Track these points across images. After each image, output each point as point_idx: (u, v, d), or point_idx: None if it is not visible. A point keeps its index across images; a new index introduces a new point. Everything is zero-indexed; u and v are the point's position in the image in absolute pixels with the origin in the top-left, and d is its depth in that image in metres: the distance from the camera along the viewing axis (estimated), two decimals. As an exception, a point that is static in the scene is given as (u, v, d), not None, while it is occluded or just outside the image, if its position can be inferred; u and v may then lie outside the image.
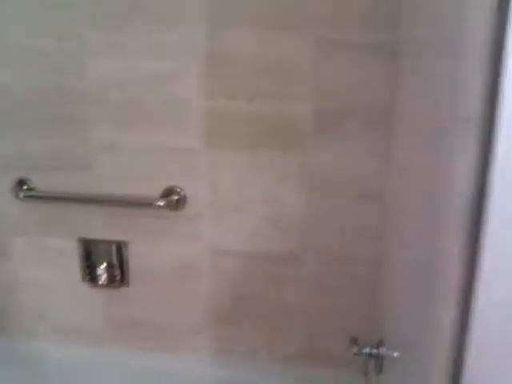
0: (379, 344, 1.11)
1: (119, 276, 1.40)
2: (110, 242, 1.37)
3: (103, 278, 1.40)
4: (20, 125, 1.30)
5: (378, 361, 1.11)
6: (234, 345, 1.43)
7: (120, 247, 1.37)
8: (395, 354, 0.95)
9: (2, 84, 1.27)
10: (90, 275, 1.41)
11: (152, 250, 1.36)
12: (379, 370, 1.11)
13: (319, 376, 1.39)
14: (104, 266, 1.40)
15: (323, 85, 1.17)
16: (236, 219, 1.31)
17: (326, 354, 1.40)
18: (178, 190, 1.29)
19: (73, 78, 1.25)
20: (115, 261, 1.39)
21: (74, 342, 1.48)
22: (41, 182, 1.34)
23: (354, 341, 1.16)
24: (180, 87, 1.22)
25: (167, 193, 1.29)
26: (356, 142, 1.21)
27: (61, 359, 1.48)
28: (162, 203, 1.27)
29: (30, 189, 1.34)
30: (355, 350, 1.14)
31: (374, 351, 1.11)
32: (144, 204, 1.31)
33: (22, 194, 1.32)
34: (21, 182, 1.34)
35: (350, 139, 1.21)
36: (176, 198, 1.29)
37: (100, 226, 1.36)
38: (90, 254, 1.39)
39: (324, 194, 1.25)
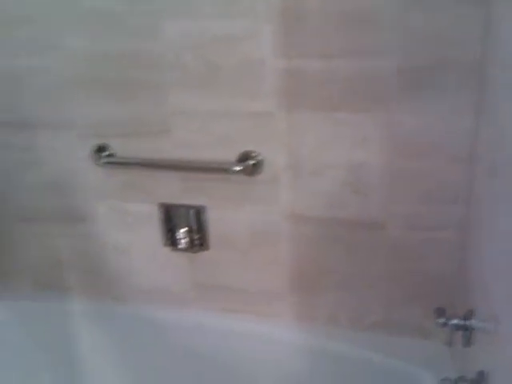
0: (468, 315, 1.05)
1: (199, 240, 1.41)
2: (188, 207, 1.38)
3: (183, 242, 1.42)
4: (97, 91, 1.31)
5: (467, 333, 1.05)
6: (315, 311, 1.41)
7: (199, 212, 1.37)
8: (489, 327, 0.89)
9: (77, 49, 1.28)
10: (171, 239, 1.43)
11: (230, 214, 1.36)
12: (467, 342, 1.05)
13: (400, 345, 1.35)
14: (184, 230, 1.41)
15: (409, 37, 1.07)
16: (315, 184, 1.26)
17: (407, 323, 1.36)
18: (255, 154, 1.26)
19: (147, 42, 1.23)
20: (195, 225, 1.40)
21: (157, 304, 1.53)
22: (120, 148, 1.36)
23: (440, 312, 1.11)
24: (254, 47, 1.17)
25: (243, 157, 1.27)
26: (445, 101, 1.11)
27: (145, 320, 1.54)
28: (238, 168, 1.25)
29: (109, 155, 1.36)
30: (442, 321, 1.09)
31: (463, 323, 1.06)
32: (220, 169, 1.29)
33: (102, 161, 1.35)
34: (101, 149, 1.36)
35: (438, 97, 1.11)
36: (252, 162, 1.26)
37: (178, 190, 1.37)
38: (170, 219, 1.41)
39: (409, 156, 1.17)
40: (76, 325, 1.58)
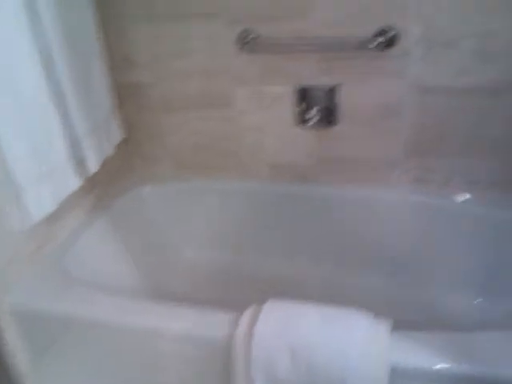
0: None
1: (329, 117, 1.56)
2: (322, 87, 1.52)
3: (314, 120, 1.57)
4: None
5: None
6: (430, 174, 1.57)
7: (331, 90, 1.51)
8: None
9: None
10: (303, 118, 1.58)
11: (360, 90, 1.49)
12: None
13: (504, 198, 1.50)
14: (316, 108, 1.55)
15: None
16: (446, 55, 1.37)
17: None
18: (390, 29, 1.37)
19: None
20: (326, 103, 1.54)
21: (287, 178, 1.72)
22: (262, 32, 1.47)
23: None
24: None
25: (380, 32, 1.38)
26: None
27: (275, 193, 1.75)
28: (374, 43, 1.37)
29: (252, 39, 1.48)
30: None
31: None
32: (356, 45, 1.40)
33: (246, 45, 1.48)
34: (244, 34, 1.48)
35: None
36: (388, 36, 1.37)
37: (315, 71, 1.50)
38: (304, 99, 1.55)
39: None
40: (210, 199, 1.82)
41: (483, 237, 1.50)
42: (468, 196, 1.55)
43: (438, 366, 0.98)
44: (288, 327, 1.07)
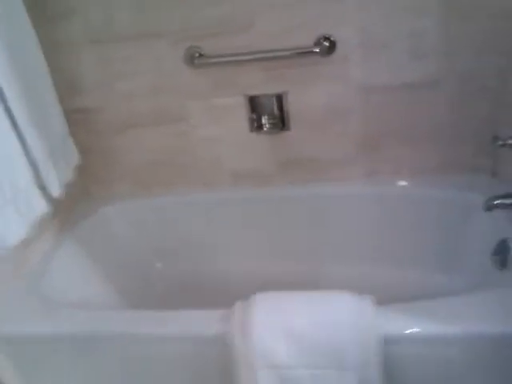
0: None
1: (281, 123, 1.66)
2: (271, 95, 1.63)
3: (267, 126, 1.68)
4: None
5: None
6: (380, 167, 1.72)
7: (280, 97, 1.62)
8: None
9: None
10: (256, 125, 1.68)
11: (307, 95, 1.60)
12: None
13: (453, 182, 1.67)
14: (267, 116, 1.66)
15: None
16: (382, 56, 1.51)
17: (459, 164, 1.67)
18: (329, 36, 1.50)
19: None
20: (276, 110, 1.65)
21: (250, 184, 1.80)
22: (208, 48, 1.55)
23: (496, 137, 1.43)
24: None
25: (319, 41, 1.50)
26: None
27: (237, 200, 1.83)
28: (316, 50, 1.49)
29: (200, 56, 1.56)
30: (499, 142, 1.42)
31: (514, 143, 1.38)
32: (298, 54, 1.51)
33: (194, 61, 1.56)
34: (191, 51, 1.56)
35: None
36: (327, 44, 1.50)
37: (262, 81, 1.60)
38: (255, 108, 1.65)
39: (462, 17, 1.44)
40: (173, 212, 1.87)
41: (432, 216, 1.67)
42: (414, 181, 1.72)
43: (417, 330, 1.10)
44: (282, 312, 1.15)
